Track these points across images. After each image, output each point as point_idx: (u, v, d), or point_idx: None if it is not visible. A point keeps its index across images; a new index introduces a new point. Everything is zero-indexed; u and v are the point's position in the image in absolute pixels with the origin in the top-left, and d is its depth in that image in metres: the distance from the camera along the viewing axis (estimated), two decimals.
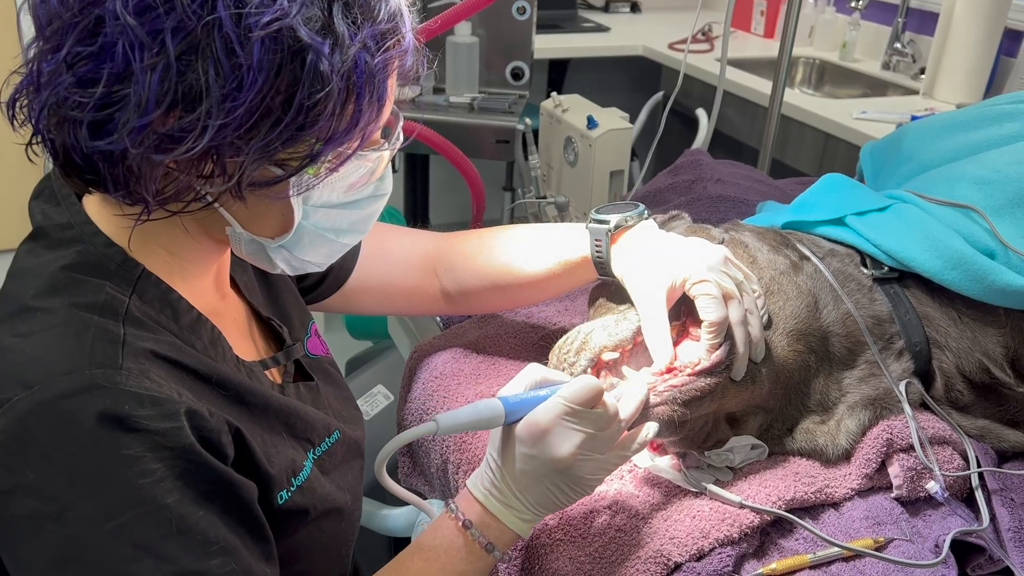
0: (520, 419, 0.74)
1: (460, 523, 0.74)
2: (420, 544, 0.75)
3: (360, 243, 0.98)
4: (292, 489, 0.72)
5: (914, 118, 2.39)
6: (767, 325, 0.87)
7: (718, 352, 0.81)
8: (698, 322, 0.82)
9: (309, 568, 0.77)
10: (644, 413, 0.78)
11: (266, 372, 0.79)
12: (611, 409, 0.74)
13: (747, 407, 0.88)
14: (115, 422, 0.59)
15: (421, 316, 1.27)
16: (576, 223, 0.97)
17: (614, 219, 0.90)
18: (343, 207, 0.72)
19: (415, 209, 2.36)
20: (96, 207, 0.69)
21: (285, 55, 0.58)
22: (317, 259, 0.74)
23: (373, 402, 1.63)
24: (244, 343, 0.80)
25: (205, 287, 0.76)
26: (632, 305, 0.87)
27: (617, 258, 0.89)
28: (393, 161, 1.90)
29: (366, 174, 0.71)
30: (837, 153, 2.40)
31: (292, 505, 0.72)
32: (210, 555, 0.61)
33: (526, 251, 0.97)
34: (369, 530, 1.25)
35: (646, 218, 0.92)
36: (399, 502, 1.46)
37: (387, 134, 0.72)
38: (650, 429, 0.78)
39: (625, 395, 0.77)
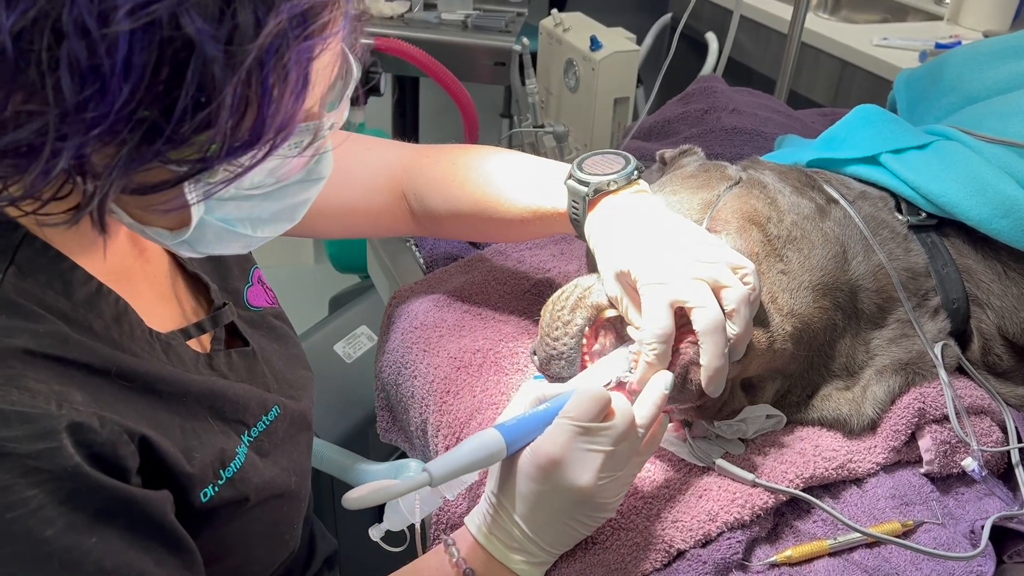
0: (523, 447, 0.64)
1: (462, 571, 0.65)
2: None
3: None
4: (220, 483, 0.62)
5: (938, 46, 2.25)
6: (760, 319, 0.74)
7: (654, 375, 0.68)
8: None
9: (245, 560, 0.68)
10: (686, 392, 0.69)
11: (191, 342, 0.68)
12: (626, 417, 0.64)
13: (765, 371, 0.78)
14: None
15: (392, 238, 1.15)
16: (565, 164, 0.85)
17: (596, 182, 0.77)
18: (263, 198, 0.59)
19: (404, 136, 2.23)
20: None
21: (165, 51, 0.44)
22: (228, 251, 0.62)
23: (356, 344, 1.54)
24: (164, 307, 0.68)
25: (114, 245, 0.63)
26: None
27: (591, 223, 0.78)
28: (378, 84, 1.76)
29: (297, 160, 0.57)
30: (854, 82, 2.27)
31: (219, 501, 0.62)
32: None
33: (501, 191, 0.85)
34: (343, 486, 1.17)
35: (635, 179, 0.79)
36: (380, 456, 1.38)
37: (346, 77, 0.57)
38: (664, 423, 0.68)
39: (641, 397, 0.67)
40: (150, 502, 0.55)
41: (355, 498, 0.62)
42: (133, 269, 0.65)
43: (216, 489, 0.62)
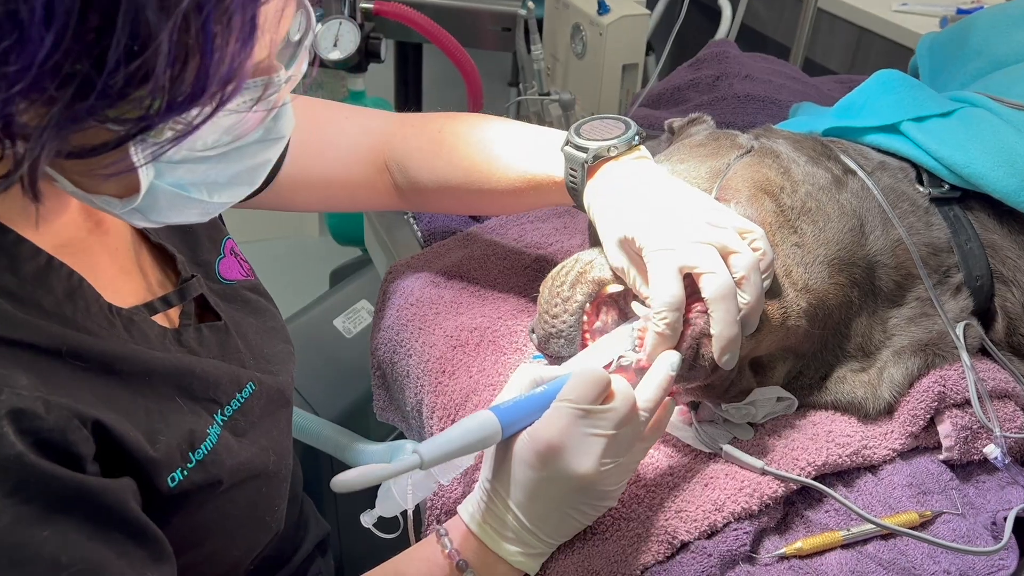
0: (519, 431, 0.60)
1: (454, 562, 0.62)
2: (400, 572, 0.63)
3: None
4: (189, 466, 0.58)
5: (960, 11, 2.18)
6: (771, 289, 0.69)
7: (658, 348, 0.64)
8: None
9: (224, 545, 0.65)
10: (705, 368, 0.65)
11: (158, 317, 0.63)
12: (627, 399, 0.60)
13: (777, 350, 0.74)
14: None
15: (378, 212, 1.11)
16: (560, 131, 0.80)
17: (595, 147, 0.73)
18: (218, 159, 0.54)
19: (406, 105, 2.17)
20: None
21: None
22: (185, 220, 0.58)
23: (356, 319, 1.51)
24: (127, 282, 0.64)
25: (66, 216, 0.59)
26: None
27: (590, 191, 0.73)
28: (379, 51, 1.70)
29: (253, 117, 0.53)
30: (872, 50, 2.20)
31: (189, 485, 0.58)
32: None
33: (492, 159, 0.80)
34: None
35: (636, 144, 0.74)
36: (380, 434, 1.35)
37: (306, 28, 0.53)
38: (670, 408, 0.64)
39: (645, 377, 0.63)
40: (108, 491, 0.52)
41: (343, 481, 0.59)
42: (89, 242, 0.61)
43: (185, 473, 0.58)
